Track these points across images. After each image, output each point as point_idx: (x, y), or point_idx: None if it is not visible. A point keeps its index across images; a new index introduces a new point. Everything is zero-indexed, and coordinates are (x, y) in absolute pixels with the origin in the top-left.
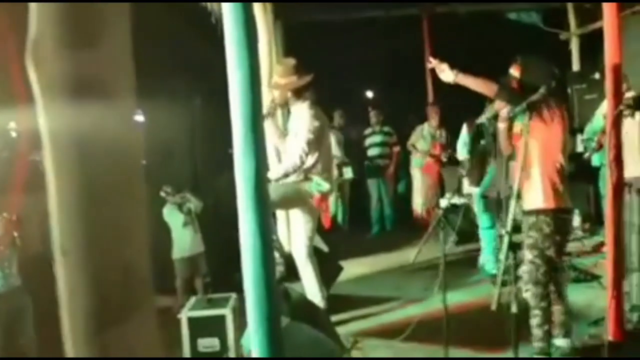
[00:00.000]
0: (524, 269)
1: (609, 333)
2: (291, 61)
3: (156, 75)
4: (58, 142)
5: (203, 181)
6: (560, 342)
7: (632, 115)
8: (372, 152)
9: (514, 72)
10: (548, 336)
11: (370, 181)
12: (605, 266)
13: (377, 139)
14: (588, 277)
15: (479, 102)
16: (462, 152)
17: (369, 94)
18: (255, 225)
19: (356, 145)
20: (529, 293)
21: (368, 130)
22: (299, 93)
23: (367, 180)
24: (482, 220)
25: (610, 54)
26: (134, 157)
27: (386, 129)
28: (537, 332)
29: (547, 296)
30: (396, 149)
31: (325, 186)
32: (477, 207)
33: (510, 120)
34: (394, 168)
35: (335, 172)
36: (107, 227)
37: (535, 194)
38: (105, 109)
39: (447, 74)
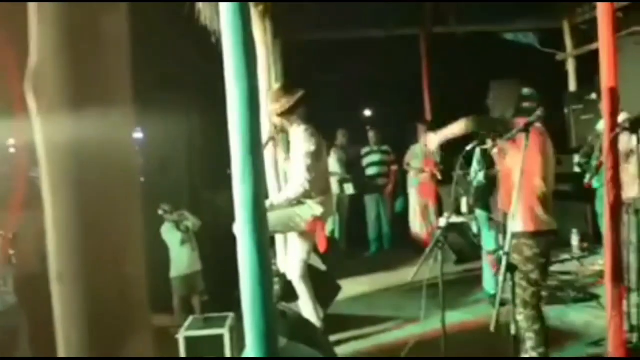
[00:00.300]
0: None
1: (609, 354)
2: (276, 85)
3: (154, 92)
4: (54, 159)
5: (201, 198)
6: None
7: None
8: (370, 171)
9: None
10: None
11: (369, 200)
12: (604, 285)
13: (375, 158)
14: (587, 296)
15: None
16: (479, 175)
17: (368, 113)
18: (254, 248)
19: (355, 163)
20: (520, 316)
21: (366, 150)
22: (290, 113)
23: (365, 199)
24: (487, 242)
25: (606, 75)
26: (131, 175)
27: (384, 147)
28: (533, 354)
29: (538, 318)
30: (394, 167)
31: (319, 210)
32: (482, 229)
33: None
34: (392, 187)
35: (336, 188)
36: (104, 245)
37: (516, 217)
38: (103, 130)
39: (432, 141)
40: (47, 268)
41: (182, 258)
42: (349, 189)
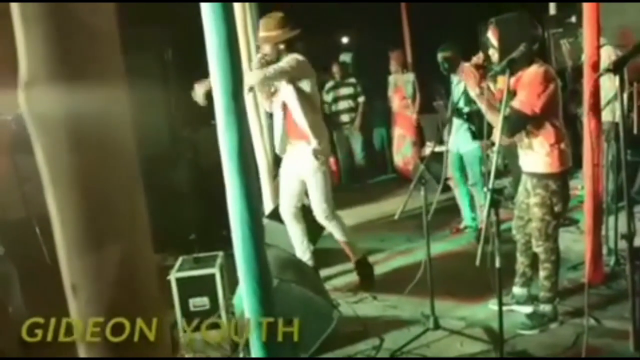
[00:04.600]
0: (533, 226)
1: (587, 277)
2: (279, 14)
3: (128, 27)
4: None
5: (180, 136)
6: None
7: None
8: (337, 106)
9: (491, 37)
10: (556, 287)
11: (338, 136)
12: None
13: (341, 92)
14: (566, 221)
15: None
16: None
17: (344, 40)
18: (242, 194)
19: None
20: (540, 248)
21: (330, 84)
22: (289, 46)
23: (333, 136)
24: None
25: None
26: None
27: (350, 80)
28: (545, 283)
29: (556, 249)
30: (360, 99)
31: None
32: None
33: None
34: (360, 120)
35: None
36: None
37: (536, 155)
38: (96, 103)
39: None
40: (28, 214)
41: None
42: None
